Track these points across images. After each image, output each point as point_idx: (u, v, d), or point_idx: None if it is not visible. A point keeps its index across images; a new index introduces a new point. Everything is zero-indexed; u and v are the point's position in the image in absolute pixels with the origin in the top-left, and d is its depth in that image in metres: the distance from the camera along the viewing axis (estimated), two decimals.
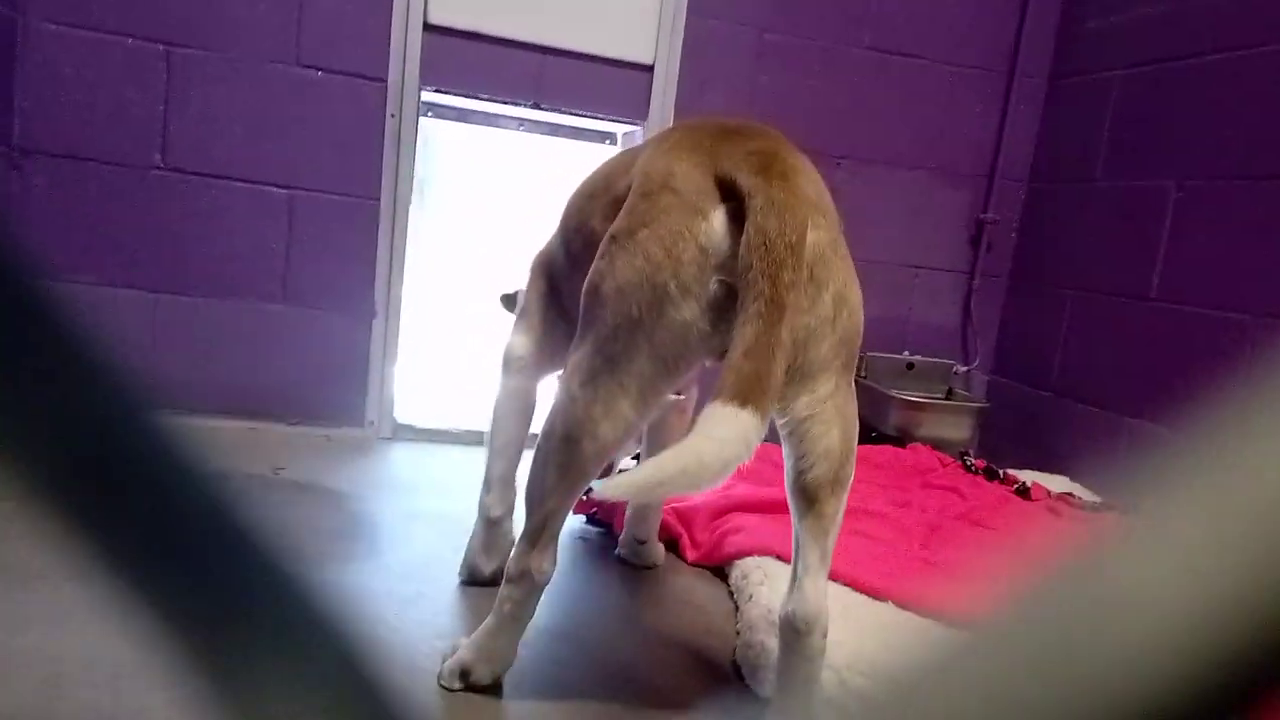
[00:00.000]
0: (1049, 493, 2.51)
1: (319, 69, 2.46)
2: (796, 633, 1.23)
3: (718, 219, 1.17)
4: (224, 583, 0.24)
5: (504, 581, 1.32)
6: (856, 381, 2.97)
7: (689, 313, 1.17)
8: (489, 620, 1.35)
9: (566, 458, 1.24)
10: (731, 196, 1.17)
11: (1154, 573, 0.20)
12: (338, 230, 2.54)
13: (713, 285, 1.17)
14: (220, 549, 0.24)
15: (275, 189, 2.48)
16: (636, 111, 2.73)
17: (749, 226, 1.11)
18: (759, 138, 1.26)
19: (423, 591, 1.66)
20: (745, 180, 1.15)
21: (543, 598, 1.69)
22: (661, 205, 1.19)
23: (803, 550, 1.24)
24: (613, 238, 1.23)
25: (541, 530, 1.29)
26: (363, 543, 1.87)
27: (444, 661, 1.37)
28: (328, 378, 2.59)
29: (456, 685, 1.34)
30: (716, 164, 1.20)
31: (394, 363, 2.64)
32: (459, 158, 2.86)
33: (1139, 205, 2.67)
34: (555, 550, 1.32)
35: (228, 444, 2.36)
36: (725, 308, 1.16)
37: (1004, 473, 2.62)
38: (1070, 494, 2.53)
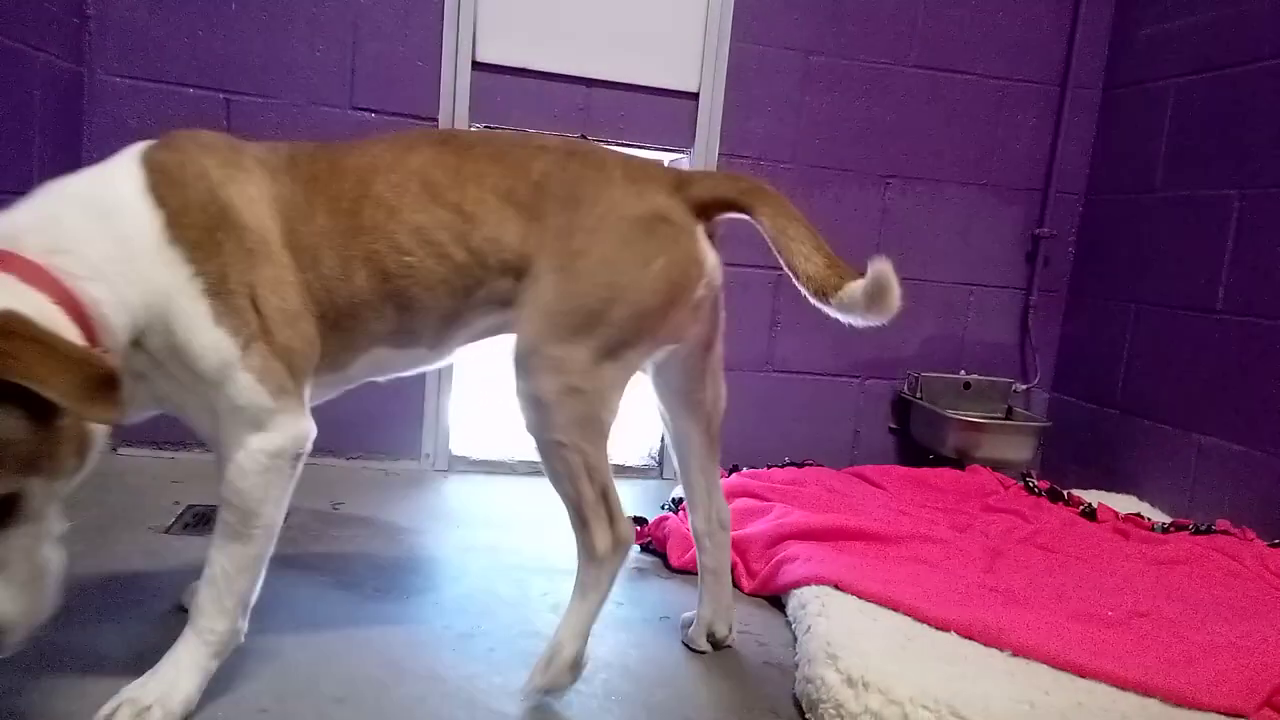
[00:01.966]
0: (1116, 514, 2.44)
1: (372, 110, 2.52)
2: (723, 528, 1.68)
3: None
4: None
5: (592, 562, 1.44)
6: (911, 402, 2.94)
7: None
8: (587, 604, 1.44)
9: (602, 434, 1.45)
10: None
11: None
12: None
13: None
14: None
15: None
16: (683, 139, 2.75)
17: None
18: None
19: (479, 626, 1.67)
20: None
21: (598, 629, 1.69)
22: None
23: (707, 468, 1.65)
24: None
25: (612, 500, 1.46)
26: (420, 577, 1.89)
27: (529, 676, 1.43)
28: (384, 412, 2.63)
29: (534, 681, 1.40)
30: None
31: (449, 395, 2.67)
32: None
33: (1201, 215, 2.60)
34: None
35: None
36: None
37: (1068, 494, 2.56)
38: (1138, 514, 2.45)
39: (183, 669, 1.27)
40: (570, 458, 1.41)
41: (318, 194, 1.38)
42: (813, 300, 1.47)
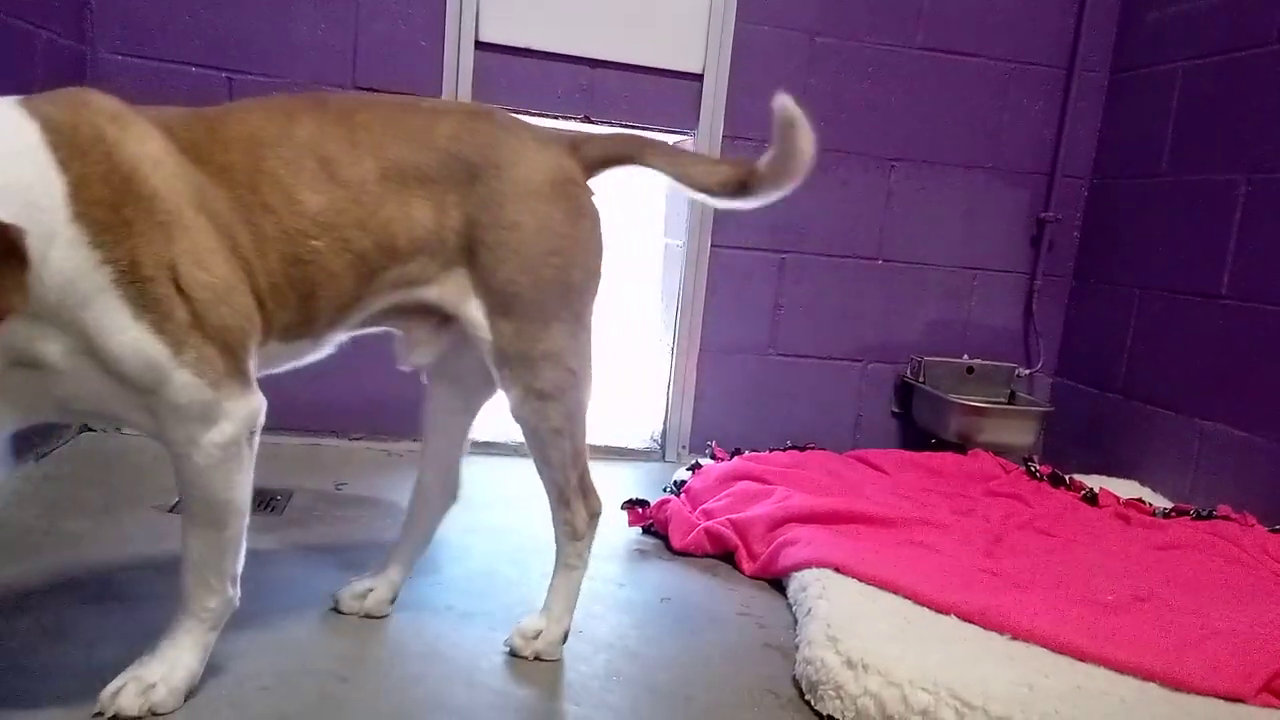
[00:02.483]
0: (1118, 499, 2.45)
1: (375, 90, 2.51)
2: (453, 501, 1.69)
3: None
4: None
5: (575, 539, 1.50)
6: (913, 386, 2.94)
7: None
8: (573, 579, 1.51)
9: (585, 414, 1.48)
10: None
11: None
12: None
13: None
14: None
15: None
16: (687, 121, 2.73)
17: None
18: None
19: (481, 606, 1.68)
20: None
21: (600, 611, 1.70)
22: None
23: (467, 435, 1.67)
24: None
25: (588, 478, 1.52)
26: (422, 558, 1.89)
27: (517, 636, 1.50)
28: (387, 393, 2.63)
29: (531, 647, 1.49)
30: None
31: None
32: None
33: (1207, 200, 2.59)
34: None
35: (290, 460, 2.41)
36: None
37: (1070, 478, 2.56)
38: (1139, 499, 2.46)
39: (183, 647, 1.27)
40: (564, 445, 1.44)
41: (205, 162, 1.22)
42: (737, 202, 1.53)
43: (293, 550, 1.84)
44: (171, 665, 1.26)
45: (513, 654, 1.49)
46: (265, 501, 2.08)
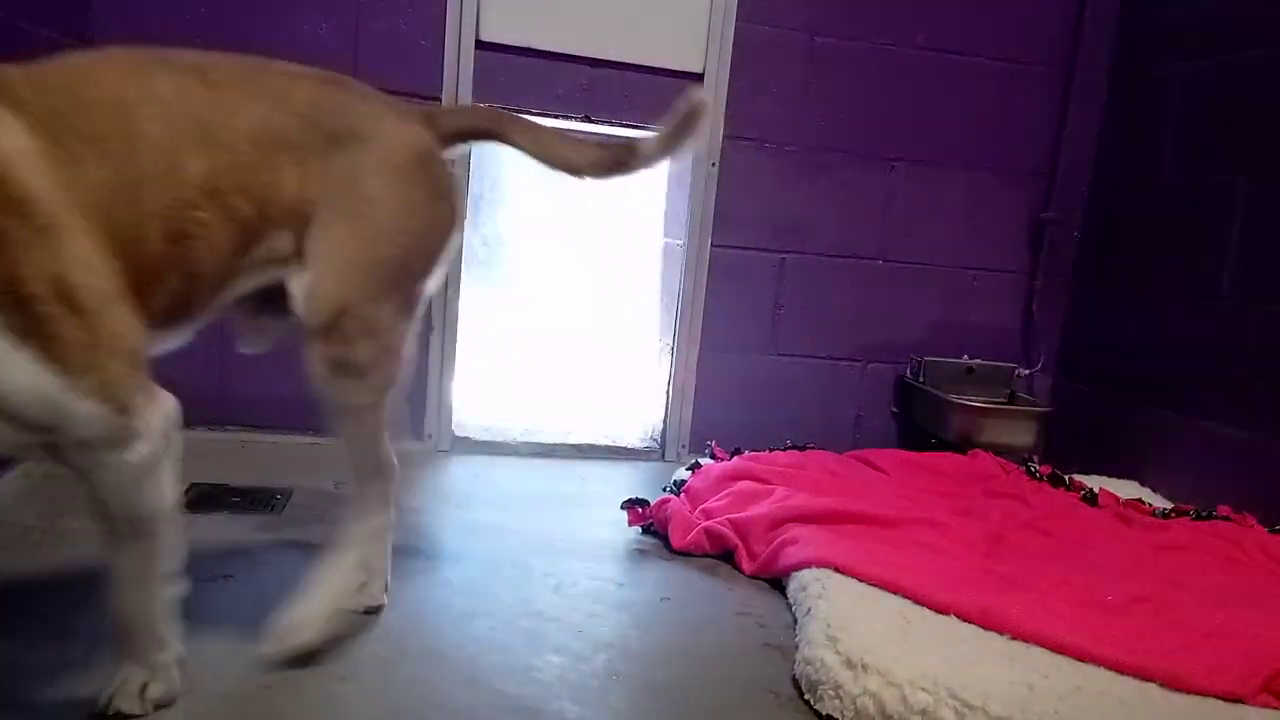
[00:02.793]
0: (1118, 499, 2.45)
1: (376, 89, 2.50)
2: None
3: None
4: None
5: (388, 507, 1.52)
6: (913, 386, 2.94)
7: None
8: (351, 555, 1.49)
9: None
10: None
11: None
12: None
13: None
14: None
15: None
16: None
17: None
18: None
19: (481, 606, 1.68)
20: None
21: (600, 610, 1.70)
22: None
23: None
24: None
25: (388, 448, 1.54)
26: (422, 557, 1.89)
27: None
28: None
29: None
30: None
31: (451, 376, 2.67)
32: (514, 172, 2.89)
33: (1207, 201, 2.59)
34: None
35: (291, 459, 2.41)
36: None
37: (1070, 479, 2.56)
38: (1139, 500, 2.46)
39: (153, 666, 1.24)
40: (373, 419, 1.41)
41: (71, 134, 1.04)
42: (602, 180, 1.51)
43: (292, 549, 1.84)
44: (154, 668, 1.23)
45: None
46: (265, 500, 2.08)
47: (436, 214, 1.40)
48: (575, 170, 1.51)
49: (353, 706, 1.30)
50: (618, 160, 1.50)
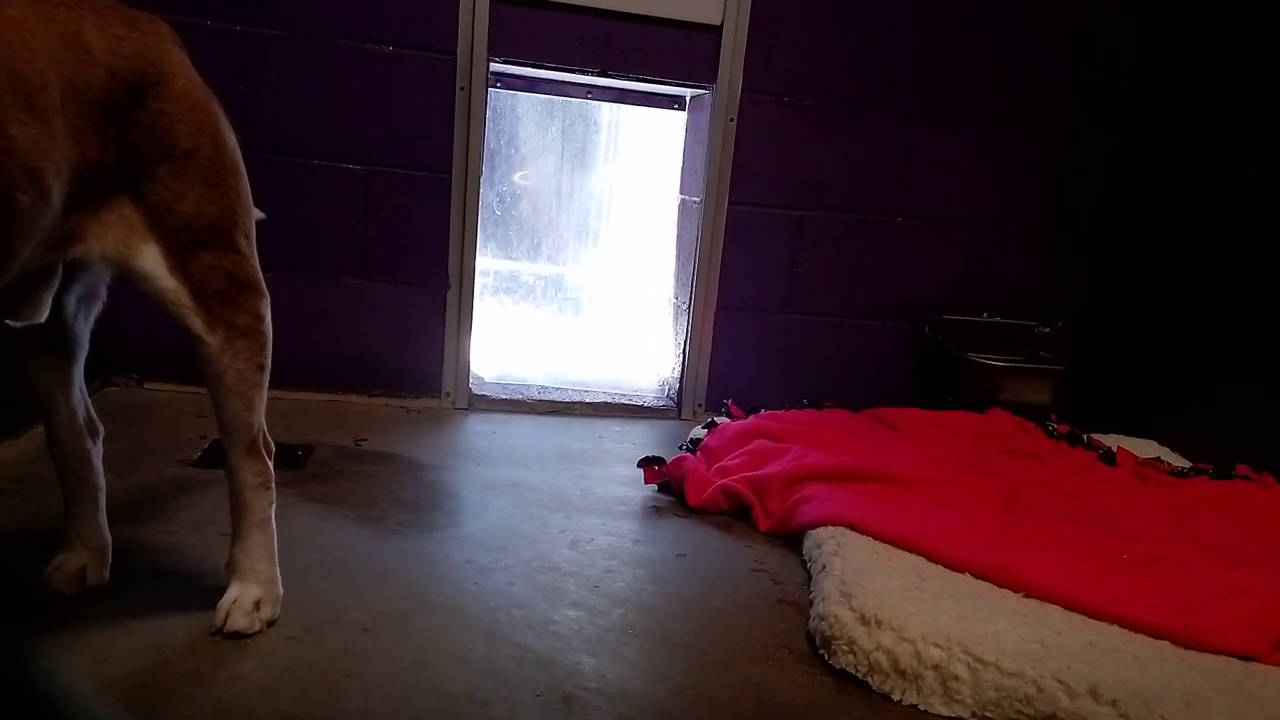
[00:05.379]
0: (1135, 458, 2.44)
1: (389, 44, 2.48)
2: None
3: None
4: None
5: (269, 489, 1.37)
6: (931, 344, 2.91)
7: None
8: (267, 531, 1.38)
9: None
10: None
11: None
12: (412, 203, 2.58)
13: None
14: None
15: (353, 166, 2.53)
16: (705, 74, 2.70)
17: None
18: None
19: (499, 560, 1.70)
20: None
21: (616, 566, 1.72)
22: None
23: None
24: None
25: None
26: (441, 513, 1.92)
27: (239, 615, 1.33)
28: (406, 350, 2.65)
29: (260, 617, 1.35)
30: None
31: (469, 334, 2.68)
32: (531, 129, 2.87)
33: (1235, 158, 2.54)
34: None
35: (312, 416, 2.44)
36: None
37: (1088, 437, 2.55)
38: (1158, 459, 2.45)
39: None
40: (263, 384, 1.33)
41: None
42: None
43: (313, 504, 1.86)
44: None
45: (233, 636, 1.31)
46: (287, 456, 2.10)
47: (238, 154, 1.29)
48: None
49: (375, 657, 1.33)
50: None
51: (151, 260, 1.20)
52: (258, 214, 1.37)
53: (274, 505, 1.40)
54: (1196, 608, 1.51)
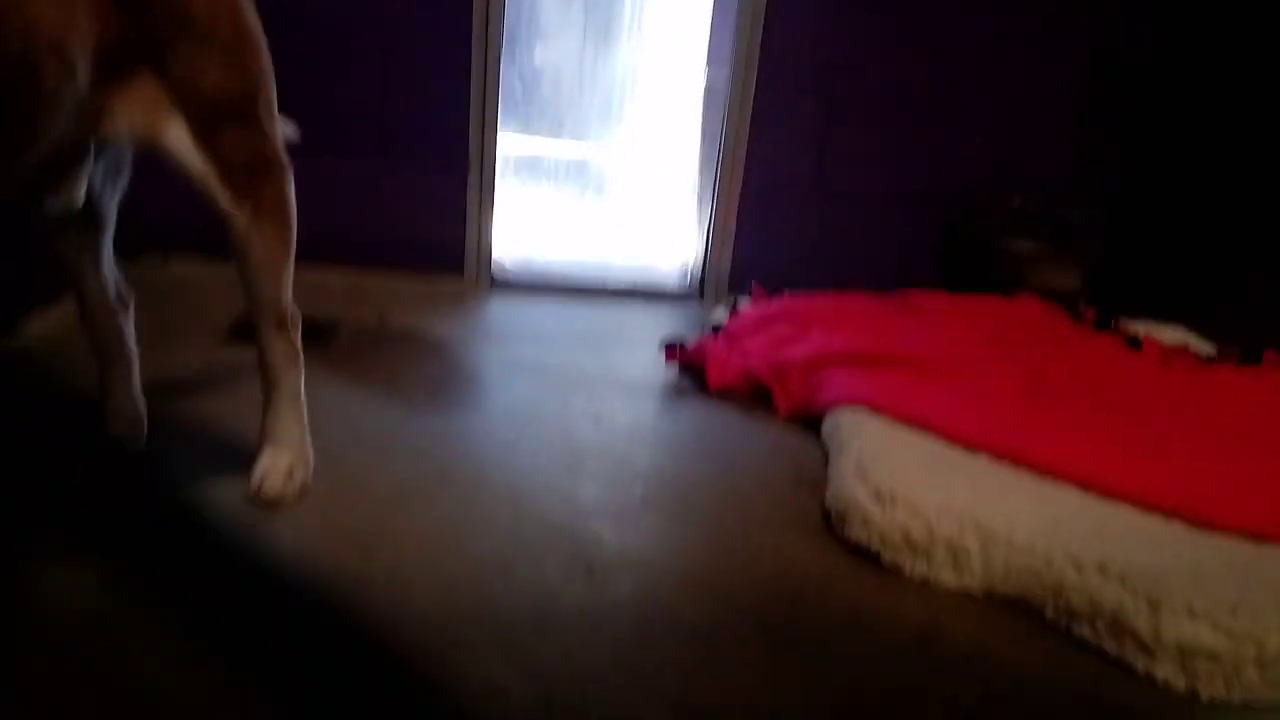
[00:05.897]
0: (1162, 344, 2.42)
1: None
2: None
3: None
4: None
5: (298, 363, 1.42)
6: (960, 229, 2.85)
7: None
8: (298, 405, 1.44)
9: None
10: None
11: None
12: (431, 80, 2.53)
13: None
14: None
15: (370, 45, 2.47)
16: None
17: None
18: None
19: (523, 435, 1.74)
20: None
21: (637, 443, 1.75)
22: None
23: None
24: None
25: None
26: (465, 390, 1.95)
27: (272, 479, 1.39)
28: (428, 229, 2.64)
29: (293, 485, 1.40)
30: None
31: (490, 214, 2.66)
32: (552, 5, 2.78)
33: (1273, 39, 2.42)
34: None
35: (336, 293, 2.45)
36: None
37: (1115, 322, 2.52)
38: (1185, 345, 2.42)
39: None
40: (290, 258, 1.36)
41: None
42: None
43: (339, 378, 1.90)
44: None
45: (268, 500, 1.37)
46: (315, 333, 2.12)
47: (251, 7, 1.27)
48: None
49: (406, 527, 1.38)
50: None
51: (178, 135, 1.22)
52: (290, 130, 1.38)
53: (302, 377, 1.43)
54: (1211, 490, 1.53)
